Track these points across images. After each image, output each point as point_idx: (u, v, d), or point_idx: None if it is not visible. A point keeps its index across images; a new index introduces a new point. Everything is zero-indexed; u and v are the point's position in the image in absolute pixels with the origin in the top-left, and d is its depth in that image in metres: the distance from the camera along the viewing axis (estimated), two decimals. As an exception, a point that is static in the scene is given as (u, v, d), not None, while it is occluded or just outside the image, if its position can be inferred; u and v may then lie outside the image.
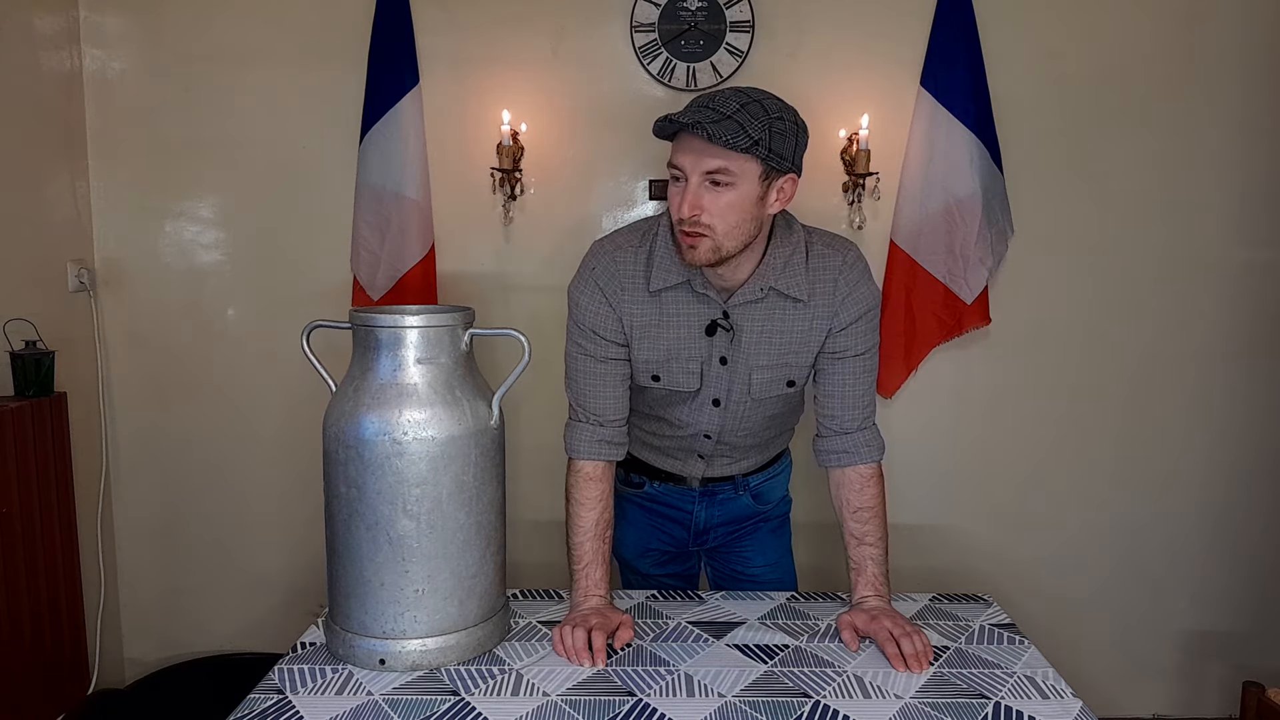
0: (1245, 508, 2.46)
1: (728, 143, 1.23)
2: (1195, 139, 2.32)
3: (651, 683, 1.24)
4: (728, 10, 2.26)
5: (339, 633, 1.30)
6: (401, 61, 2.23)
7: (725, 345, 1.44)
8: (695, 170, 1.27)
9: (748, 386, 1.47)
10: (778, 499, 1.75)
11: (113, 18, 2.32)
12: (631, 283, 1.43)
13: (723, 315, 1.42)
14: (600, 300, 1.44)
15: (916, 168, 2.25)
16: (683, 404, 1.51)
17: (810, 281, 1.42)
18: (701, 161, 1.26)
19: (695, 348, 1.44)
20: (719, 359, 1.45)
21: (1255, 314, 2.38)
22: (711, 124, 1.22)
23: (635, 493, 1.71)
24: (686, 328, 1.43)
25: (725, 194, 1.27)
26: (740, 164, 1.26)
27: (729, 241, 1.30)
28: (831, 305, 1.43)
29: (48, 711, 2.12)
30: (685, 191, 1.29)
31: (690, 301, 1.42)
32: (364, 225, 2.27)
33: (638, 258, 1.43)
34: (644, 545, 1.73)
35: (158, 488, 2.48)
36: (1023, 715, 1.17)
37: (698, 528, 1.70)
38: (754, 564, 1.73)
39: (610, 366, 1.46)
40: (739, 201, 1.28)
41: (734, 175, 1.26)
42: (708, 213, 1.28)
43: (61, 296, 2.29)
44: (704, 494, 1.66)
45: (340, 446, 1.27)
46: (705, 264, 1.33)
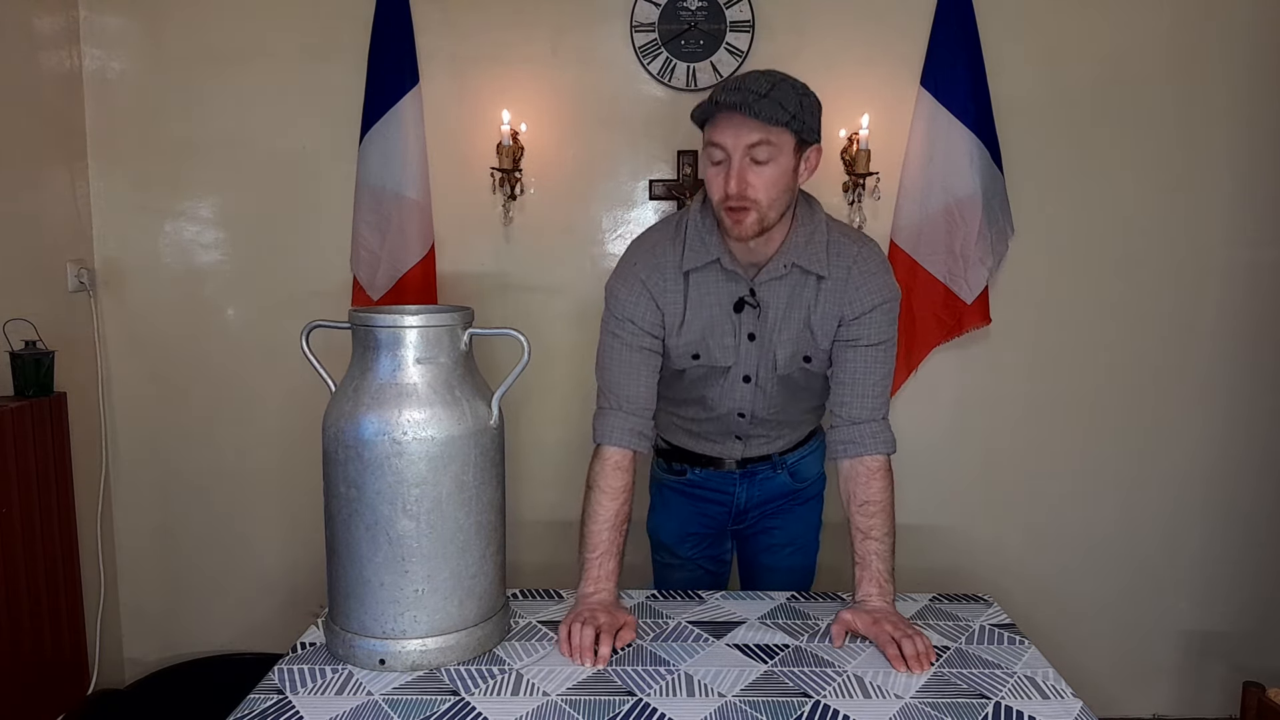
0: (1246, 507, 2.46)
1: (770, 118, 1.31)
2: (1196, 138, 2.32)
3: (651, 682, 1.24)
4: (728, 10, 2.26)
5: (339, 633, 1.30)
6: (401, 61, 2.23)
7: (752, 322, 1.51)
8: (738, 146, 1.35)
9: (774, 363, 1.53)
10: (814, 475, 1.78)
11: (113, 18, 2.32)
12: (671, 270, 1.50)
13: (749, 293, 1.48)
14: (640, 291, 1.50)
15: (917, 168, 2.25)
16: (717, 384, 1.56)
17: (829, 260, 1.48)
18: (743, 136, 1.34)
19: (726, 325, 1.51)
20: (747, 335, 1.52)
21: (1256, 313, 2.38)
22: (754, 103, 1.31)
23: (677, 480, 1.76)
24: (718, 305, 1.50)
25: (766, 169, 1.36)
26: (778, 137, 1.34)
27: (772, 212, 1.39)
28: (845, 289, 1.48)
29: (48, 711, 2.12)
30: (729, 169, 1.36)
31: (720, 280, 1.49)
32: (364, 225, 2.27)
33: (674, 247, 1.51)
34: (684, 530, 1.78)
35: (158, 488, 2.48)
36: (1023, 715, 1.17)
37: (738, 508, 1.75)
38: (775, 538, 1.78)
39: (643, 356, 1.52)
40: (779, 175, 1.37)
41: (773, 149, 1.35)
42: (752, 187, 1.36)
43: (61, 296, 2.29)
44: (744, 475, 1.71)
45: (340, 446, 1.27)
46: (751, 236, 1.40)
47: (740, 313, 1.50)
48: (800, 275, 1.48)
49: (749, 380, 1.56)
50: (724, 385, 1.57)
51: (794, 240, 1.47)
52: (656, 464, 1.82)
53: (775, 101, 1.32)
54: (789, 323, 1.50)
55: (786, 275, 1.47)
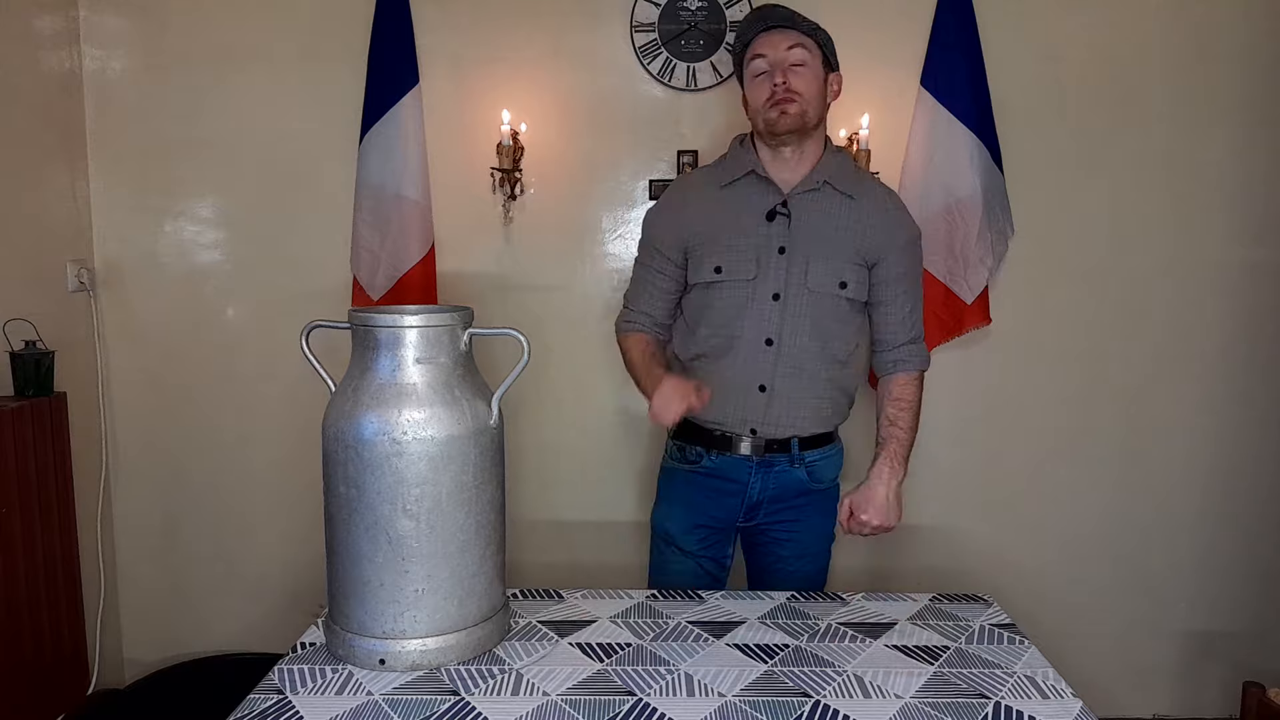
0: (1246, 507, 2.45)
1: (802, 26, 1.59)
2: (1196, 138, 2.32)
3: (651, 682, 1.24)
4: (728, 10, 2.26)
5: (339, 633, 1.30)
6: (401, 61, 2.23)
7: (783, 233, 1.63)
8: (779, 50, 1.59)
9: (804, 275, 1.63)
10: (830, 481, 1.79)
11: (113, 18, 2.32)
12: (702, 185, 1.71)
13: (782, 204, 1.63)
14: (666, 211, 1.74)
15: (917, 168, 2.25)
16: (745, 307, 1.65)
17: (858, 187, 1.67)
18: (783, 43, 1.59)
19: (756, 235, 1.64)
20: (778, 249, 1.63)
21: (1256, 314, 2.38)
22: (788, 15, 1.60)
23: (691, 469, 1.76)
24: (750, 215, 1.65)
25: (804, 71, 1.60)
26: (811, 49, 1.60)
27: (811, 108, 1.60)
28: (882, 218, 1.66)
29: (48, 711, 2.12)
30: (775, 72, 1.59)
31: (755, 191, 1.66)
32: (364, 225, 2.27)
33: (714, 169, 1.73)
34: (693, 522, 1.78)
35: (157, 487, 2.48)
36: (1023, 715, 1.17)
37: (751, 500, 1.74)
38: (789, 550, 1.78)
39: (657, 275, 1.73)
40: (814, 77, 1.61)
41: (808, 54, 1.60)
42: (795, 82, 1.58)
43: (61, 296, 2.29)
44: (761, 464, 1.71)
45: (340, 446, 1.27)
46: (794, 128, 1.59)
47: (772, 222, 1.63)
48: (832, 194, 1.64)
49: (778, 299, 1.63)
50: (752, 306, 1.64)
51: (827, 161, 1.66)
52: (669, 453, 1.82)
53: (805, 20, 1.60)
54: (823, 240, 1.63)
55: (819, 190, 1.64)
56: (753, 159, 1.66)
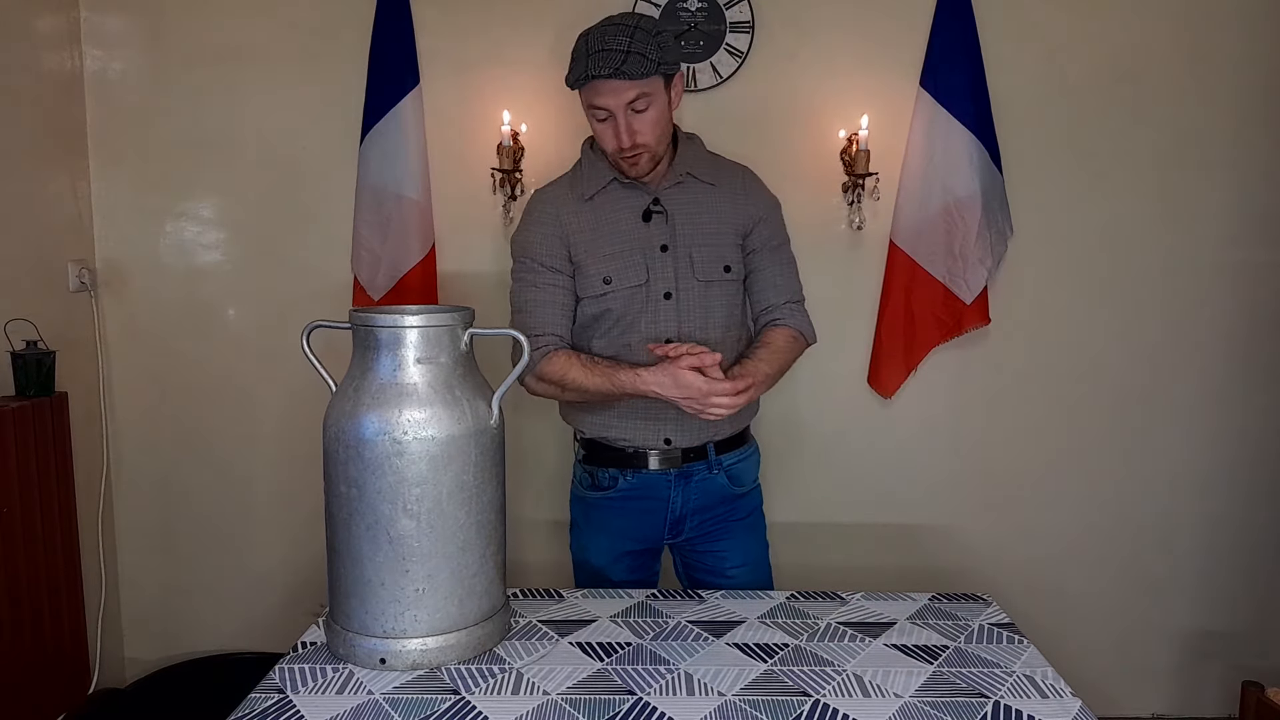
0: (1245, 507, 2.46)
1: (640, 74, 1.47)
2: (1195, 139, 2.32)
3: (651, 681, 1.24)
4: (727, 11, 2.27)
5: (339, 632, 1.30)
6: (402, 62, 2.24)
7: (663, 230, 1.62)
8: (619, 105, 1.50)
9: (691, 267, 1.62)
10: (750, 483, 1.78)
11: (113, 18, 2.32)
12: (565, 201, 1.65)
13: (654, 202, 1.62)
14: (540, 228, 1.64)
15: (916, 168, 2.26)
16: (640, 313, 1.61)
17: (715, 173, 1.67)
18: (622, 96, 1.50)
19: (636, 239, 1.62)
20: (660, 247, 1.62)
21: (1255, 314, 2.39)
22: (626, 65, 1.45)
23: (606, 496, 1.70)
24: (625, 220, 1.62)
25: (648, 114, 1.52)
26: (651, 85, 1.51)
27: (660, 146, 1.58)
28: (744, 193, 1.68)
29: (48, 711, 2.12)
30: (617, 126, 1.52)
31: (622, 197, 1.63)
32: (364, 225, 2.27)
33: (571, 182, 1.68)
34: (618, 550, 1.72)
35: (158, 487, 2.48)
36: (1022, 714, 1.17)
37: (674, 515, 1.69)
38: (730, 563, 1.73)
39: (551, 291, 1.63)
40: (659, 115, 1.54)
41: (649, 96, 1.51)
42: (640, 133, 1.53)
43: (62, 296, 2.29)
44: (679, 475, 1.67)
45: (340, 446, 1.27)
46: (648, 173, 1.59)
47: (649, 221, 1.62)
48: (695, 183, 1.64)
49: (670, 297, 1.61)
50: (647, 311, 1.61)
51: (683, 155, 1.64)
52: (579, 481, 1.75)
53: (638, 55, 1.46)
54: (701, 227, 1.63)
55: (684, 182, 1.64)
56: (607, 167, 1.63)
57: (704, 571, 1.75)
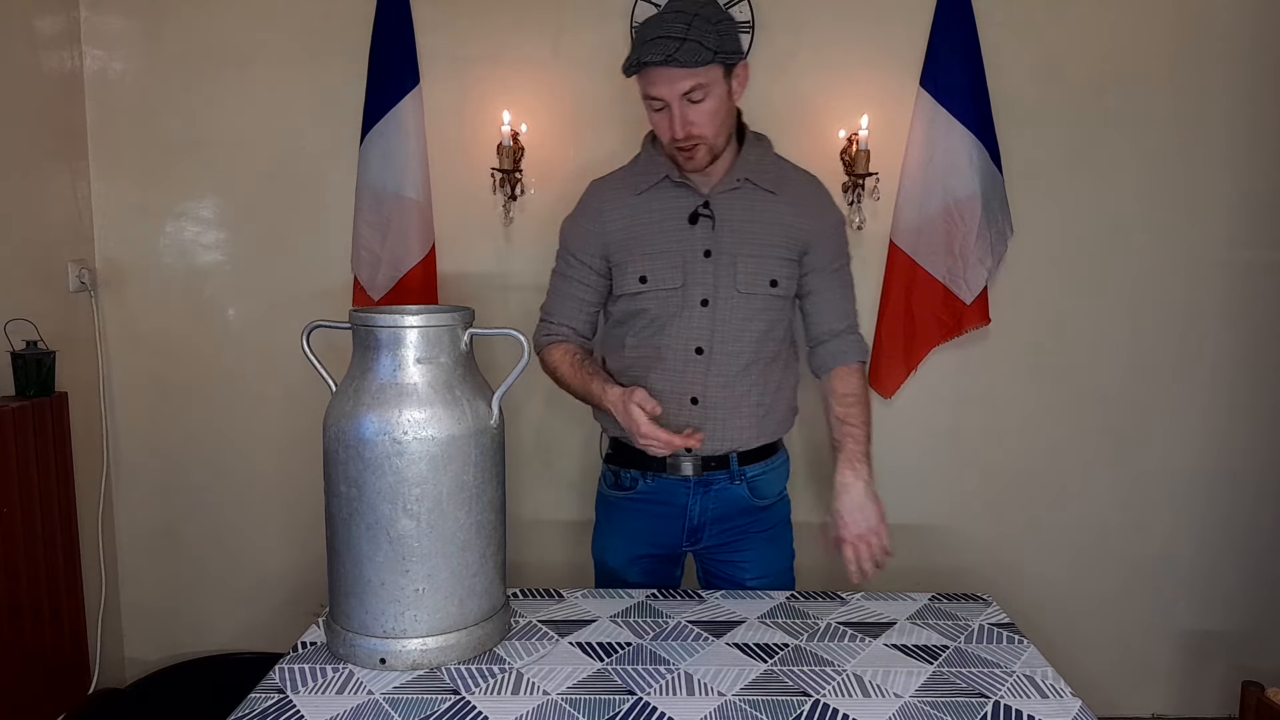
0: (1246, 507, 2.46)
1: (695, 62, 1.40)
2: (1195, 139, 2.32)
3: (651, 681, 1.24)
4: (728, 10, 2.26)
5: (339, 632, 1.30)
6: (402, 62, 2.24)
7: (708, 236, 1.56)
8: (674, 95, 1.44)
9: (734, 278, 1.56)
10: (775, 495, 1.72)
11: (113, 18, 2.32)
12: (617, 194, 1.61)
13: (704, 205, 1.56)
14: (580, 220, 1.64)
15: (916, 168, 2.26)
16: (673, 317, 1.57)
17: (779, 180, 1.60)
18: (677, 86, 1.43)
19: (678, 242, 1.56)
20: (703, 252, 1.56)
21: (1255, 314, 2.39)
22: (681, 53, 1.39)
23: (626, 496, 1.69)
24: (671, 221, 1.57)
25: (705, 105, 1.45)
26: (708, 74, 1.43)
27: (719, 140, 1.51)
28: (807, 207, 1.60)
29: (48, 711, 2.12)
30: (671, 116, 1.46)
31: (672, 196, 1.58)
32: (364, 225, 2.27)
33: (627, 174, 1.64)
34: (634, 552, 1.70)
35: (158, 487, 2.48)
36: (1022, 714, 1.17)
37: (691, 523, 1.67)
38: (749, 574, 1.69)
39: (577, 286, 1.65)
40: (717, 106, 1.47)
41: (706, 87, 1.44)
42: (696, 124, 1.46)
43: (62, 296, 2.29)
44: (699, 483, 1.64)
45: (340, 446, 1.27)
46: (705, 166, 1.52)
47: (695, 224, 1.56)
48: (753, 190, 1.57)
49: (707, 304, 1.56)
50: (681, 316, 1.57)
51: (745, 158, 1.58)
52: (604, 479, 1.75)
53: (694, 43, 1.39)
54: (750, 238, 1.56)
55: (740, 188, 1.57)
56: (665, 164, 1.57)
57: (722, 580, 1.72)
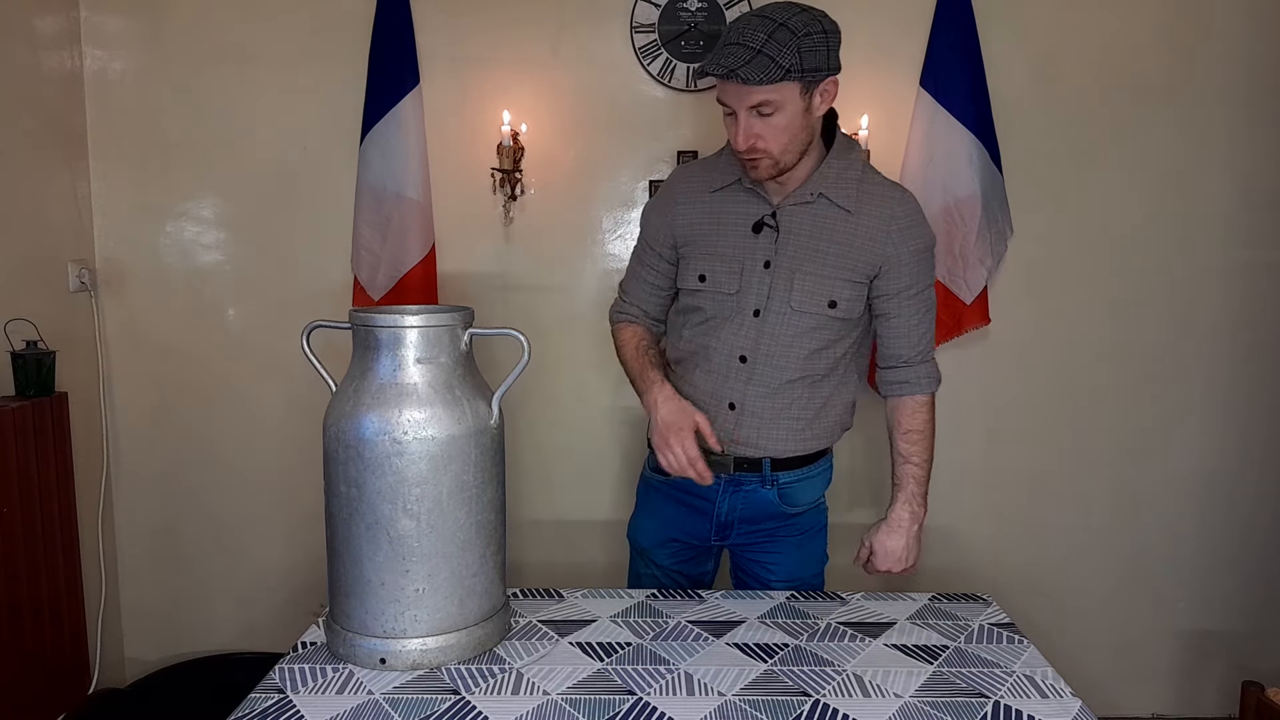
0: (1246, 507, 2.46)
1: (762, 80, 1.33)
2: (1195, 139, 2.32)
3: (651, 681, 1.24)
4: (727, 10, 2.27)
5: (339, 632, 1.30)
6: (402, 62, 2.24)
7: (770, 247, 1.52)
8: (741, 106, 1.39)
9: (789, 293, 1.51)
10: (809, 504, 1.68)
11: (113, 18, 2.32)
12: (692, 187, 1.59)
13: (770, 215, 1.51)
14: (657, 209, 1.64)
15: (916, 168, 2.26)
16: (725, 321, 1.56)
17: (859, 197, 1.50)
18: (745, 98, 1.38)
19: (740, 248, 1.53)
20: (763, 263, 1.52)
21: (1255, 314, 2.39)
22: (744, 68, 1.32)
23: (662, 481, 1.70)
24: (737, 226, 1.54)
25: (774, 119, 1.39)
26: (780, 91, 1.36)
27: (787, 156, 1.44)
28: (884, 230, 1.50)
29: (48, 711, 2.12)
30: (738, 126, 1.41)
31: (742, 200, 1.54)
32: (364, 225, 2.27)
33: (710, 167, 1.60)
34: (664, 535, 1.72)
35: (158, 487, 2.48)
36: (1022, 714, 1.17)
37: (720, 520, 1.66)
38: (775, 577, 1.68)
39: (649, 270, 1.66)
40: (788, 123, 1.40)
41: (776, 103, 1.37)
42: (762, 138, 1.41)
43: (62, 296, 2.29)
44: (729, 482, 1.62)
45: (340, 446, 1.27)
46: (769, 178, 1.47)
47: (758, 234, 1.52)
48: (827, 206, 1.50)
49: (758, 315, 1.53)
50: (732, 321, 1.55)
51: (824, 172, 1.50)
52: (647, 461, 1.76)
53: (768, 59, 1.32)
54: (815, 256, 1.50)
55: (812, 203, 1.50)
56: (740, 168, 1.51)
57: (750, 579, 1.72)
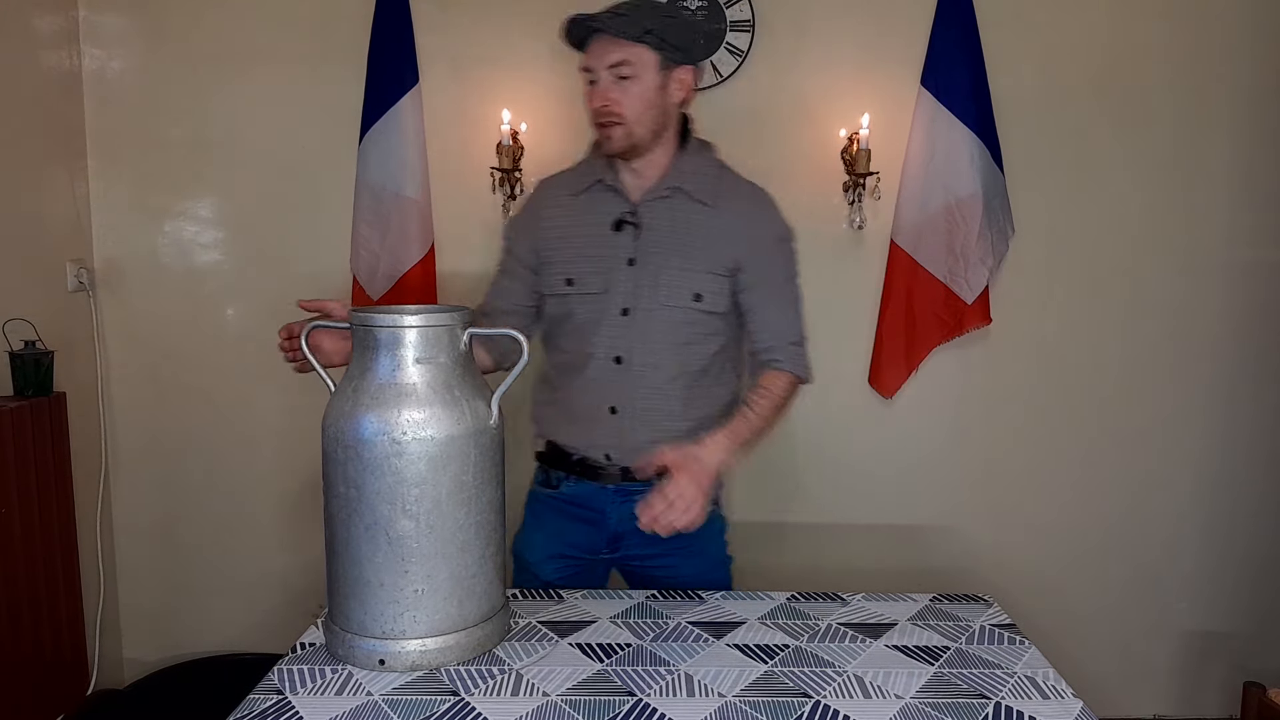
0: (1246, 508, 2.45)
1: (624, 34, 1.42)
2: (1196, 138, 2.32)
3: (651, 682, 1.24)
4: (728, 9, 2.26)
5: (338, 633, 1.30)
6: (401, 61, 2.23)
7: (632, 244, 1.54)
8: (601, 64, 1.46)
9: (654, 289, 1.52)
10: None
11: (112, 17, 2.32)
12: (555, 194, 1.63)
13: (630, 212, 1.54)
14: (519, 218, 1.68)
15: (917, 167, 2.25)
16: (596, 321, 1.55)
17: (717, 192, 1.55)
18: (606, 56, 1.45)
19: (603, 248, 1.55)
20: (627, 260, 1.54)
21: (1256, 314, 2.38)
22: (609, 21, 1.43)
23: (551, 494, 1.68)
24: (598, 226, 1.56)
25: (631, 86, 1.46)
26: (638, 54, 1.45)
27: (639, 128, 1.49)
28: (741, 223, 1.54)
29: (47, 711, 2.12)
30: (596, 87, 1.48)
31: (602, 200, 1.57)
32: (364, 225, 2.27)
33: (567, 175, 1.65)
34: (550, 550, 1.67)
35: (157, 487, 2.48)
36: (1023, 715, 1.17)
37: (610, 531, 1.63)
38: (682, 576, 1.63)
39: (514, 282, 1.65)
40: (643, 91, 1.47)
41: (635, 66, 1.45)
42: (617, 102, 1.47)
43: (61, 296, 2.28)
44: (617, 492, 1.60)
45: (339, 446, 1.26)
46: (621, 150, 1.50)
47: (619, 232, 1.54)
48: (685, 201, 1.53)
49: (627, 314, 1.53)
50: (603, 323, 1.53)
51: (680, 167, 1.55)
52: (535, 476, 1.73)
53: (632, 20, 1.42)
54: (677, 250, 1.52)
55: (670, 198, 1.53)
56: (601, 167, 1.57)
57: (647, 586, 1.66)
